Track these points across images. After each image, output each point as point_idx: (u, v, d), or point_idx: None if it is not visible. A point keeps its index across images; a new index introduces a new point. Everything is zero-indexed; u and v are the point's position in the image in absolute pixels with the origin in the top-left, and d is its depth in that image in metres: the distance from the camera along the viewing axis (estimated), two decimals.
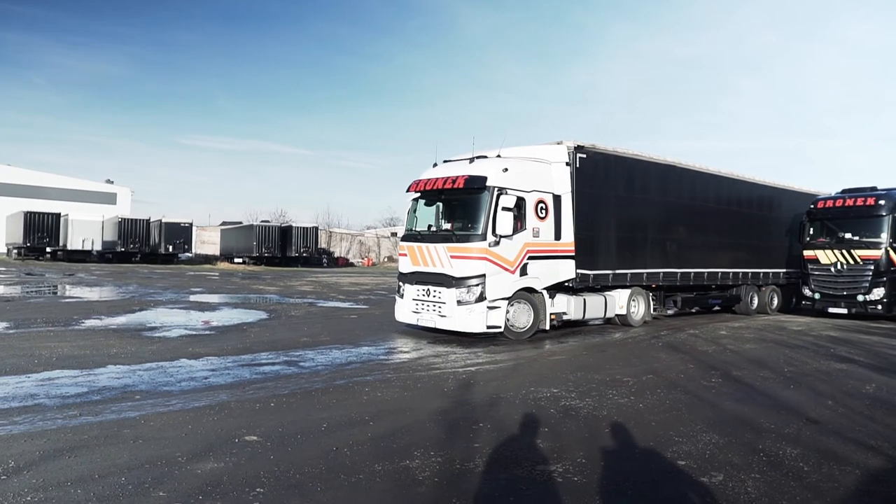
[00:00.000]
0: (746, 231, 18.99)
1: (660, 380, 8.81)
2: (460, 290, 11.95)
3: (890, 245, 17.64)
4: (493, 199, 11.96)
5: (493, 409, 6.99)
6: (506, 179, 12.25)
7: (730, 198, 18.42)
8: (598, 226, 14.05)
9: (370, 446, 5.52)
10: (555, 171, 13.27)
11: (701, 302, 18.12)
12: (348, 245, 70.97)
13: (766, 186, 19.98)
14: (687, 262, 16.54)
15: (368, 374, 8.85)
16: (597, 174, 13.92)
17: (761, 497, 4.52)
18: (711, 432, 6.16)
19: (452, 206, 13.29)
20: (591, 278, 13.79)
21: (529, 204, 12.64)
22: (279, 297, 22.31)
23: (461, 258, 12.08)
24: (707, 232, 17.41)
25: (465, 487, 4.62)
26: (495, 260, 12.04)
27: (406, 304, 13.11)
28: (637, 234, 15.25)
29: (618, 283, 14.59)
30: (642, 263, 15.24)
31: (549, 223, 13.01)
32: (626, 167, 14.93)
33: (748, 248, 19.07)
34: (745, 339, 13.51)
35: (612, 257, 14.40)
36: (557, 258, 13.16)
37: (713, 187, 17.73)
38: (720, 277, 17.87)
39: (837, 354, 11.61)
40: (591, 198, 13.68)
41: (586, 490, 4.59)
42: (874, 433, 6.27)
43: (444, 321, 12.27)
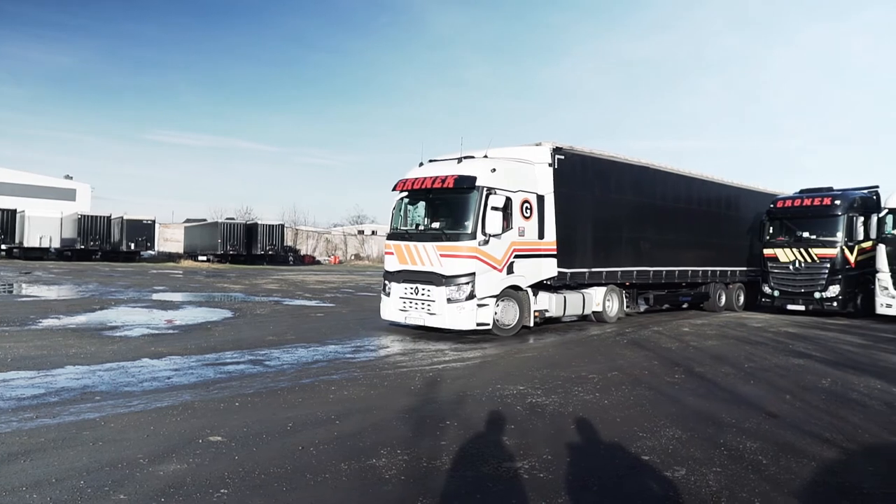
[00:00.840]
0: (714, 230, 19.57)
1: (624, 376, 8.93)
2: (450, 288, 12.11)
3: (845, 244, 18.16)
4: (482, 199, 12.18)
5: (460, 406, 7.01)
6: (494, 179, 12.49)
7: (699, 198, 18.99)
8: (575, 225, 14.38)
9: (336, 445, 5.49)
10: (538, 171, 13.59)
11: (672, 299, 18.66)
12: (315, 243, 70.42)
13: (731, 187, 20.56)
14: (659, 260, 17.10)
15: (335, 372, 8.80)
16: (574, 175, 14.26)
17: (722, 490, 4.61)
18: (674, 427, 6.26)
19: (440, 205, 13.37)
20: (569, 276, 14.15)
21: (516, 204, 12.91)
22: (244, 296, 22.04)
23: (451, 257, 12.22)
24: (678, 231, 17.94)
25: (431, 485, 4.63)
26: (484, 259, 12.28)
27: (392, 303, 13.16)
28: (612, 234, 15.69)
29: (594, 281, 15.00)
30: (617, 262, 15.66)
31: (533, 222, 13.34)
32: (601, 168, 15.34)
33: (716, 247, 19.64)
34: (708, 336, 13.76)
35: (588, 256, 14.77)
36: (541, 257, 13.49)
37: (683, 188, 18.28)
38: (690, 276, 18.38)
39: (795, 350, 11.90)
40: (568, 198, 13.99)
41: (552, 486, 4.63)
42: (829, 426, 6.44)
43: (433, 319, 12.41)
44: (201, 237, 56.48)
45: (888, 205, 17.82)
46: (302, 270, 46.66)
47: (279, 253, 55.70)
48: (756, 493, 4.59)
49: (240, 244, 52.53)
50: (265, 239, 53.82)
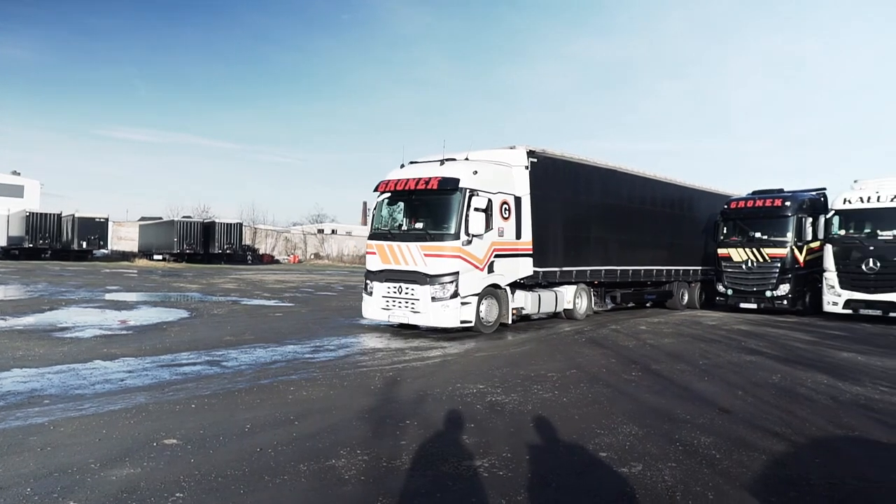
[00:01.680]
0: (675, 231, 20.26)
1: (583, 374, 9.04)
2: (435, 287, 12.42)
3: (794, 244, 18.72)
4: (465, 200, 12.56)
5: (420, 406, 7.01)
6: (476, 181, 12.92)
7: (662, 200, 19.69)
8: (548, 226, 14.80)
9: (295, 446, 5.44)
10: (515, 173, 14.08)
11: (637, 297, 19.36)
12: (274, 242, 69.62)
13: (690, 188, 21.25)
14: (625, 260, 17.78)
15: (294, 372, 8.71)
16: (546, 177, 14.68)
17: (677, 484, 4.71)
18: (631, 424, 6.37)
19: (424, 206, 13.56)
20: (542, 275, 14.62)
21: (496, 205, 13.35)
22: (201, 296, 21.65)
23: (435, 256, 12.54)
24: (642, 232, 18.58)
25: (391, 485, 4.62)
26: (467, 258, 12.67)
27: (375, 302, 13.36)
28: (582, 234, 16.30)
29: (565, 279, 15.58)
30: (586, 261, 16.23)
31: (511, 223, 13.84)
32: (572, 171, 15.90)
33: (677, 247, 20.29)
34: (664, 334, 14.03)
35: (559, 255, 15.26)
36: (518, 256, 13.99)
37: (648, 190, 18.99)
38: (654, 274, 19.13)
39: (747, 347, 12.21)
40: (541, 199, 14.42)
41: (512, 484, 4.67)
42: (779, 420, 6.63)
43: (417, 317, 12.74)
44: (157, 236, 55.29)
45: (835, 206, 18.43)
46: (261, 270, 46.05)
47: (237, 252, 54.91)
48: (709, 486, 4.69)
49: (197, 243, 51.61)
50: (223, 238, 52.98)
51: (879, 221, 17.48)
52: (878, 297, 17.07)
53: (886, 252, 17.04)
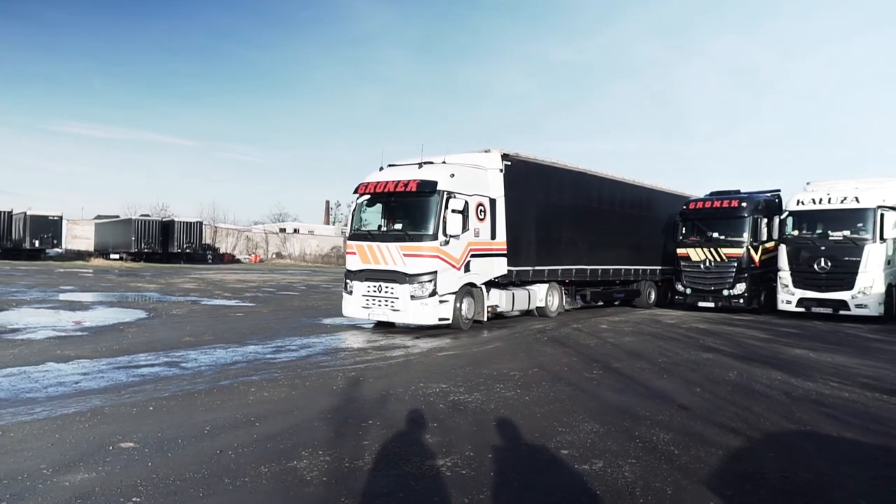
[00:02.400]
0: (642, 231, 20.87)
1: (545, 373, 9.12)
2: (414, 285, 12.83)
3: (750, 244, 19.17)
4: (443, 202, 12.99)
5: (383, 405, 6.99)
6: (453, 184, 13.36)
7: (630, 201, 20.45)
8: (521, 226, 15.35)
9: (256, 448, 5.37)
10: (490, 176, 14.60)
11: (606, 296, 19.95)
12: (235, 241, 68.62)
13: (655, 190, 21.90)
14: (594, 259, 18.34)
15: (255, 373, 8.60)
16: (519, 180, 15.24)
17: (637, 480, 4.78)
18: (592, 422, 6.45)
19: (403, 208, 13.96)
20: (516, 274, 15.17)
21: (472, 206, 13.83)
22: (160, 296, 21.24)
23: (414, 256, 12.95)
24: (611, 232, 19.29)
25: (354, 486, 4.59)
26: (445, 258, 13.11)
27: (355, 300, 13.70)
28: (553, 234, 16.85)
29: (537, 278, 16.14)
30: (558, 260, 16.82)
31: (486, 224, 14.34)
32: (544, 174, 16.49)
33: (644, 247, 20.91)
34: (624, 333, 14.23)
35: (532, 255, 15.82)
36: (493, 256, 14.50)
37: (617, 192, 19.86)
38: (623, 274, 19.81)
39: (705, 345, 12.46)
40: (515, 201, 14.97)
41: (474, 482, 4.69)
42: (735, 416, 6.79)
43: (396, 315, 13.14)
44: (114, 235, 53.99)
45: (789, 207, 18.92)
46: (221, 269, 45.37)
47: (197, 251, 54.01)
48: (668, 482, 4.78)
49: (155, 242, 50.58)
50: (182, 237, 52.04)
51: (830, 222, 18.01)
52: (829, 296, 17.59)
53: (837, 252, 17.57)
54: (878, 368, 10.04)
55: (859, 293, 17.13)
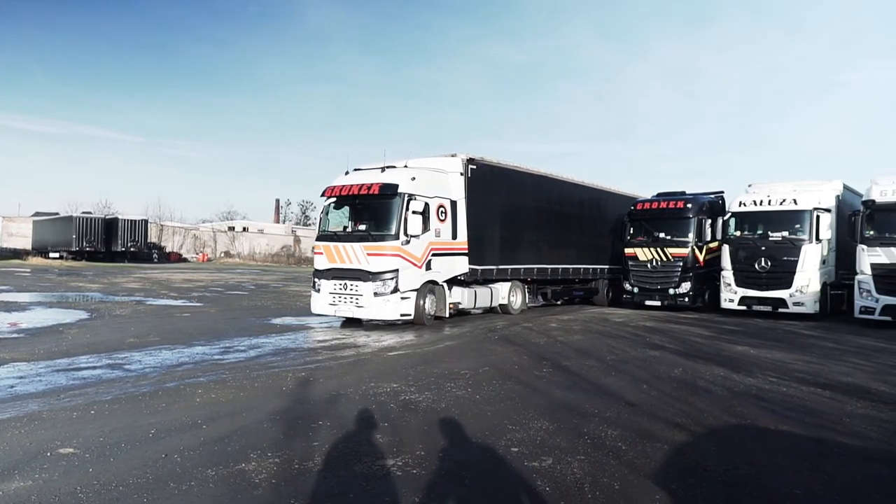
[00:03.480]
0: (599, 231, 21.71)
1: (495, 371, 9.19)
2: (377, 283, 13.47)
3: (695, 244, 19.70)
4: (404, 204, 13.65)
5: (333, 406, 6.93)
6: (414, 187, 13.97)
7: (588, 202, 21.41)
8: (485, 227, 16.16)
9: (203, 451, 5.26)
10: (451, 179, 15.31)
11: (566, 294, 20.74)
12: (182, 240, 67.05)
13: (609, 192, 22.72)
14: (555, 258, 19.23)
15: (202, 374, 8.43)
16: (484, 183, 16.00)
17: (585, 476, 4.87)
18: (542, 419, 6.53)
19: (366, 210, 14.63)
20: (480, 272, 15.92)
21: (433, 208, 14.47)
22: (102, 295, 20.61)
23: (377, 255, 13.59)
24: (570, 233, 20.17)
25: (303, 487, 4.55)
26: (406, 257, 13.73)
27: (323, 298, 14.28)
28: (516, 235, 17.59)
29: (500, 277, 16.89)
30: (520, 260, 17.61)
31: (447, 225, 15.02)
32: (507, 177, 17.33)
33: (602, 246, 21.72)
34: (574, 331, 14.45)
35: (496, 254, 16.60)
36: (454, 255, 15.20)
37: (575, 194, 20.81)
38: (582, 272, 20.59)
39: (652, 343, 12.75)
40: (480, 203, 15.79)
41: (425, 481, 4.69)
42: (680, 412, 6.97)
43: (361, 311, 13.75)
44: (53, 232, 52.09)
45: (731, 209, 19.52)
46: (167, 268, 44.28)
47: (142, 250, 52.63)
48: (616, 477, 4.88)
49: (98, 240, 49.07)
50: (126, 235, 50.64)
51: (770, 223, 18.66)
52: (769, 294, 18.23)
53: (776, 252, 18.21)
54: (813, 364, 10.44)
55: (797, 291, 17.80)
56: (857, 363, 10.62)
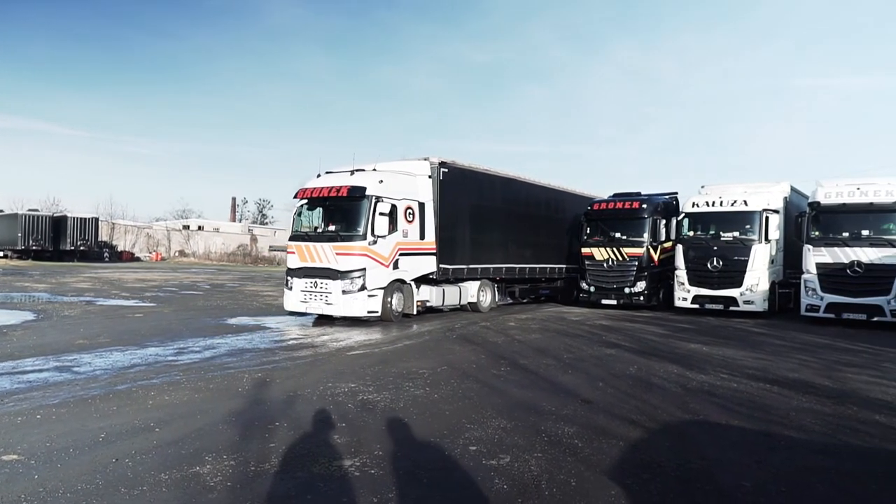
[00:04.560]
0: (562, 232, 22.27)
1: (454, 371, 9.21)
2: (345, 281, 14.05)
3: (650, 244, 20.08)
4: (371, 206, 14.18)
5: (290, 407, 6.86)
6: (382, 189, 14.55)
7: (553, 203, 22.12)
8: (455, 227, 16.79)
9: (156, 454, 5.15)
10: (419, 182, 15.88)
11: (534, 292, 21.45)
12: (134, 238, 65.50)
13: (571, 193, 23.27)
14: (522, 258, 19.98)
15: (155, 376, 8.25)
16: (455, 185, 16.63)
17: (542, 474, 4.92)
18: (500, 418, 6.57)
19: (336, 211, 15.21)
20: (451, 272, 16.59)
21: (400, 210, 15.02)
22: (50, 296, 19.98)
23: (346, 255, 14.17)
24: (537, 233, 20.85)
25: (260, 489, 4.49)
26: (374, 256, 14.31)
27: (295, 295, 14.90)
28: (485, 235, 18.24)
29: (470, 276, 17.57)
30: (489, 259, 18.31)
31: (415, 226, 15.56)
32: (478, 179, 18.02)
33: (565, 246, 22.31)
34: (531, 330, 14.58)
35: (466, 254, 17.27)
36: (422, 255, 15.77)
37: (542, 195, 21.57)
38: (548, 272, 21.28)
39: (608, 341, 12.95)
40: (451, 205, 16.47)
41: (383, 481, 4.68)
42: (635, 409, 7.10)
43: (330, 308, 14.33)
44: None
45: (685, 209, 19.95)
46: (119, 268, 43.17)
47: (92, 249, 51.23)
48: (572, 474, 4.95)
49: (45, 239, 47.58)
50: (76, 233, 49.24)
51: (722, 224, 19.13)
52: (721, 293, 18.70)
53: (727, 252, 18.69)
54: (763, 360, 10.75)
55: (747, 290, 18.30)
56: (803, 359, 10.97)
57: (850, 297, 16.33)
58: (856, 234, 16.51)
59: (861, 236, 16.43)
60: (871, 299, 16.05)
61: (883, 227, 16.33)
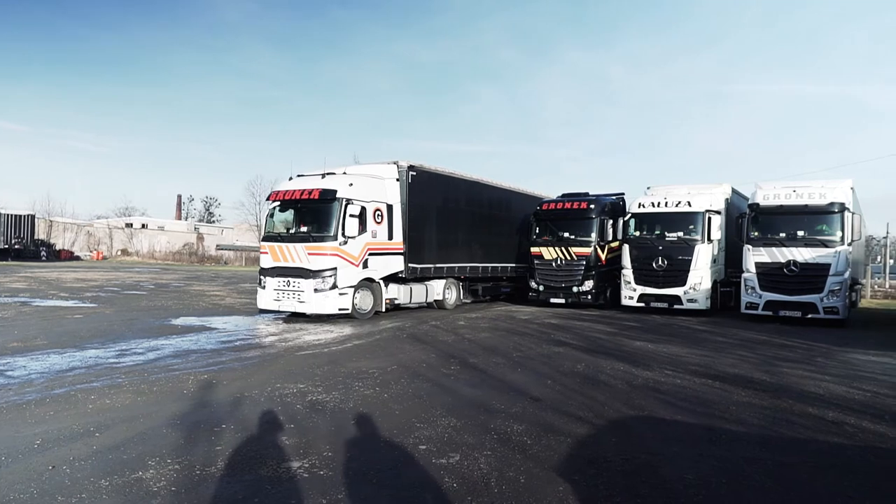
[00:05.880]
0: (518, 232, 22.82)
1: (404, 370, 9.20)
2: (317, 280, 14.71)
3: (598, 243, 20.44)
4: (342, 208, 14.92)
5: (237, 408, 6.74)
6: (352, 192, 15.27)
7: (515, 205, 22.74)
8: (423, 228, 17.59)
9: (96, 460, 4.99)
10: (388, 185, 16.60)
11: (496, 290, 22.19)
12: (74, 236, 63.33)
13: (528, 195, 23.74)
14: (484, 257, 20.77)
15: (95, 379, 7.99)
16: (422, 187, 17.44)
17: (492, 471, 4.96)
18: (450, 416, 6.60)
19: (308, 213, 15.69)
20: (419, 270, 17.44)
21: (369, 211, 15.74)
22: None
23: (317, 255, 14.81)
24: (500, 234, 21.89)
25: (205, 493, 4.40)
26: (344, 256, 15.04)
27: (268, 294, 15.44)
28: (450, 236, 19.07)
29: (437, 275, 18.45)
30: (454, 259, 19.13)
31: (384, 227, 16.30)
32: (444, 182, 18.84)
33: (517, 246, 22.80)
34: (481, 329, 14.67)
35: (433, 253, 18.07)
36: (391, 255, 16.54)
37: (503, 197, 22.35)
38: (510, 270, 22.01)
39: (556, 339, 13.12)
40: (419, 207, 17.28)
41: (332, 482, 4.64)
42: (582, 405, 7.22)
43: (302, 306, 14.89)
44: None
45: (631, 210, 20.37)
46: (58, 267, 41.64)
47: (28, 247, 49.33)
48: (521, 471, 5.00)
49: None
50: (10, 231, 47.33)
51: (667, 224, 19.61)
52: (665, 292, 19.17)
53: (672, 252, 19.17)
54: (705, 356, 11.07)
55: (690, 289, 18.81)
56: (742, 355, 11.34)
57: (787, 295, 16.96)
58: (792, 234, 17.15)
59: (797, 237, 17.08)
60: (805, 297, 16.71)
61: (817, 228, 17.01)
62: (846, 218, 16.65)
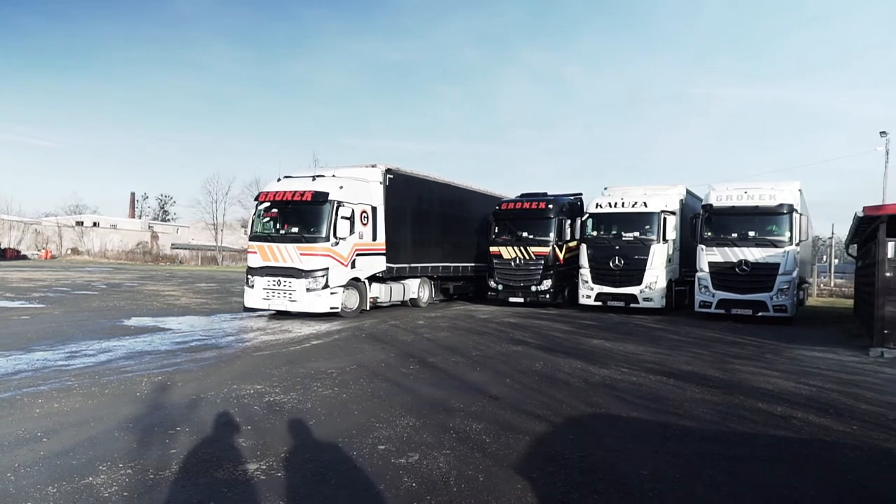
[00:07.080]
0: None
1: (363, 370, 9.15)
2: (309, 279, 15.21)
3: (556, 243, 20.66)
4: (334, 210, 15.51)
5: (193, 410, 6.62)
6: (342, 195, 15.87)
7: (483, 207, 23.03)
8: (400, 229, 18.19)
9: (43, 466, 4.84)
10: (372, 188, 17.29)
11: (466, 289, 22.76)
12: (20, 235, 61.35)
13: (495, 196, 24.14)
14: (455, 257, 21.49)
15: (43, 382, 7.74)
16: (399, 190, 18.14)
17: (451, 470, 4.97)
18: (409, 416, 6.59)
19: (298, 214, 16.07)
20: (395, 270, 18.06)
21: (357, 213, 16.36)
22: None
23: (310, 255, 15.33)
24: (467, 234, 22.49)
25: (159, 498, 4.30)
26: (335, 257, 15.61)
27: (256, 293, 15.81)
28: (424, 236, 19.73)
29: (412, 274, 19.19)
30: (427, 258, 19.80)
31: (369, 228, 16.95)
32: (419, 185, 19.58)
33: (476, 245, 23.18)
34: (440, 328, 14.69)
35: (409, 254, 18.72)
36: (374, 255, 17.20)
37: (473, 199, 23.09)
38: (470, 270, 22.44)
39: (515, 338, 13.22)
40: (396, 209, 17.92)
41: (290, 484, 4.59)
42: (541, 404, 7.29)
43: (293, 305, 15.39)
44: None
45: (589, 210, 20.65)
46: (3, 266, 40.25)
47: None
48: (480, 469, 5.02)
49: None
50: None
51: (623, 224, 19.93)
52: (622, 290, 19.49)
53: (628, 251, 19.50)
54: (660, 354, 11.29)
55: (646, 288, 19.16)
56: (696, 352, 11.60)
57: (739, 293, 17.42)
58: (744, 234, 17.62)
59: (748, 237, 17.55)
60: (756, 296, 17.18)
61: (767, 228, 17.51)
62: (794, 219, 17.18)
